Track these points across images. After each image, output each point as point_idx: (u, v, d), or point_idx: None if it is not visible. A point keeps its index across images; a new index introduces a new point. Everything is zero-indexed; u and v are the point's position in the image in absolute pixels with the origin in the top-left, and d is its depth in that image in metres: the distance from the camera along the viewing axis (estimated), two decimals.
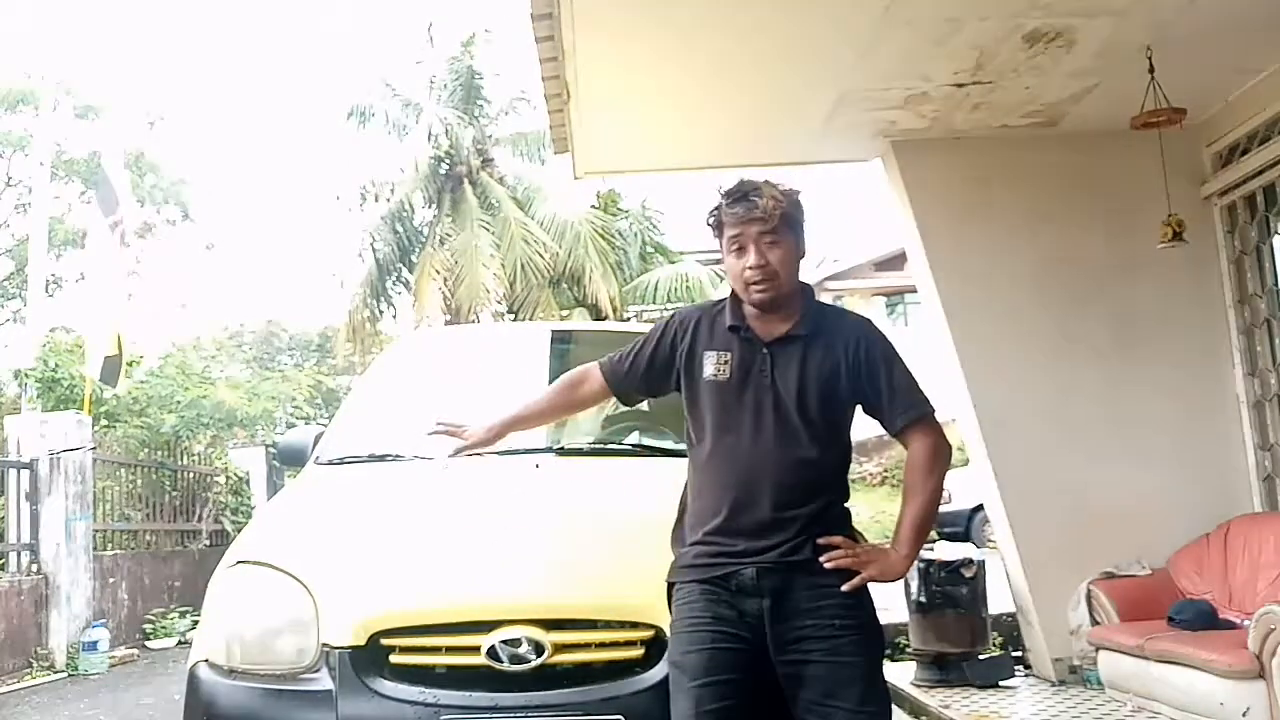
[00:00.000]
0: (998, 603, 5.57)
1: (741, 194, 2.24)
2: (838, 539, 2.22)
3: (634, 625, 2.43)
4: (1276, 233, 5.25)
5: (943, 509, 12.17)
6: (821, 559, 2.19)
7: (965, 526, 11.35)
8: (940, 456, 2.29)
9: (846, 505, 2.33)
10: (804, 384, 2.22)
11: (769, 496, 2.19)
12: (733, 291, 2.33)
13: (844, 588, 2.17)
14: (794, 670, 2.14)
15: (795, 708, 2.15)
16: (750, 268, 2.22)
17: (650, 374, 2.40)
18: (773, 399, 2.22)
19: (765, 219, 2.21)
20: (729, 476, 2.22)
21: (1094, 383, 5.33)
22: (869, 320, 2.39)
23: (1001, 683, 5.33)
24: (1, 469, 8.32)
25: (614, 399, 2.61)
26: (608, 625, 2.44)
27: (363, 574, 2.58)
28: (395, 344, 4.61)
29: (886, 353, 2.30)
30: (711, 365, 2.28)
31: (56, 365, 10.54)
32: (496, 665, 2.36)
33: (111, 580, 9.12)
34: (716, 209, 2.29)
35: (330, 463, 3.40)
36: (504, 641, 2.36)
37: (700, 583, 2.21)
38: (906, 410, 2.28)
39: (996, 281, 5.41)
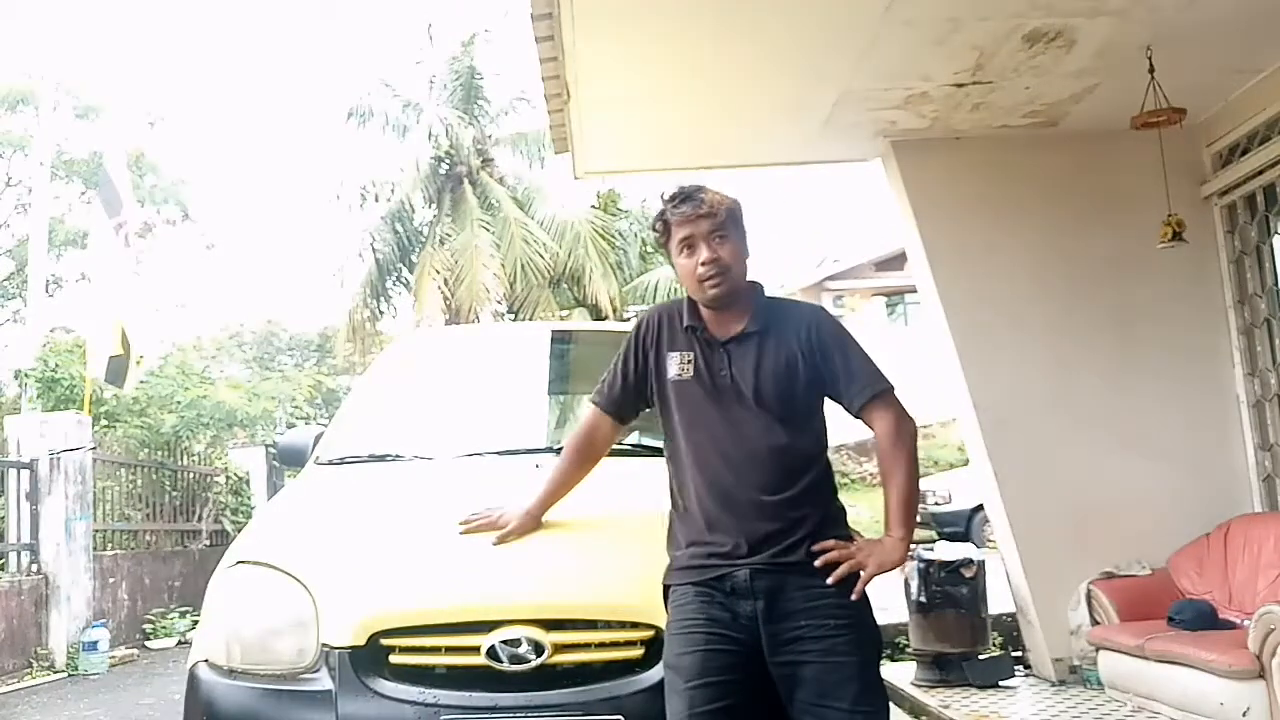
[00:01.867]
0: (998, 603, 5.57)
1: (686, 195, 2.31)
2: (830, 543, 2.22)
3: (634, 625, 2.43)
4: (1276, 233, 5.25)
5: (943, 509, 12.28)
6: (817, 563, 2.19)
7: (965, 526, 11.35)
8: (905, 430, 2.32)
9: (841, 506, 2.33)
10: (761, 378, 2.27)
11: (750, 485, 2.22)
12: (689, 300, 2.38)
13: (852, 596, 2.18)
14: (789, 671, 2.14)
15: (791, 708, 2.15)
16: (703, 263, 2.27)
17: (640, 386, 2.44)
18: (735, 395, 2.27)
19: (713, 214, 2.28)
20: (708, 473, 2.26)
21: (1094, 383, 5.33)
22: (820, 307, 2.46)
23: (1001, 683, 5.33)
24: (1, 469, 8.33)
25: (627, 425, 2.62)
26: (607, 625, 2.44)
27: (363, 574, 2.58)
28: (395, 344, 4.60)
29: (839, 336, 2.35)
30: (675, 366, 2.34)
31: (56, 365, 10.54)
32: (496, 665, 2.36)
33: (111, 580, 9.13)
34: (661, 214, 2.35)
35: (330, 463, 3.40)
36: (504, 641, 2.36)
37: (694, 585, 2.22)
38: (864, 389, 2.32)
39: (996, 281, 5.41)
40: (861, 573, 2.21)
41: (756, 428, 2.25)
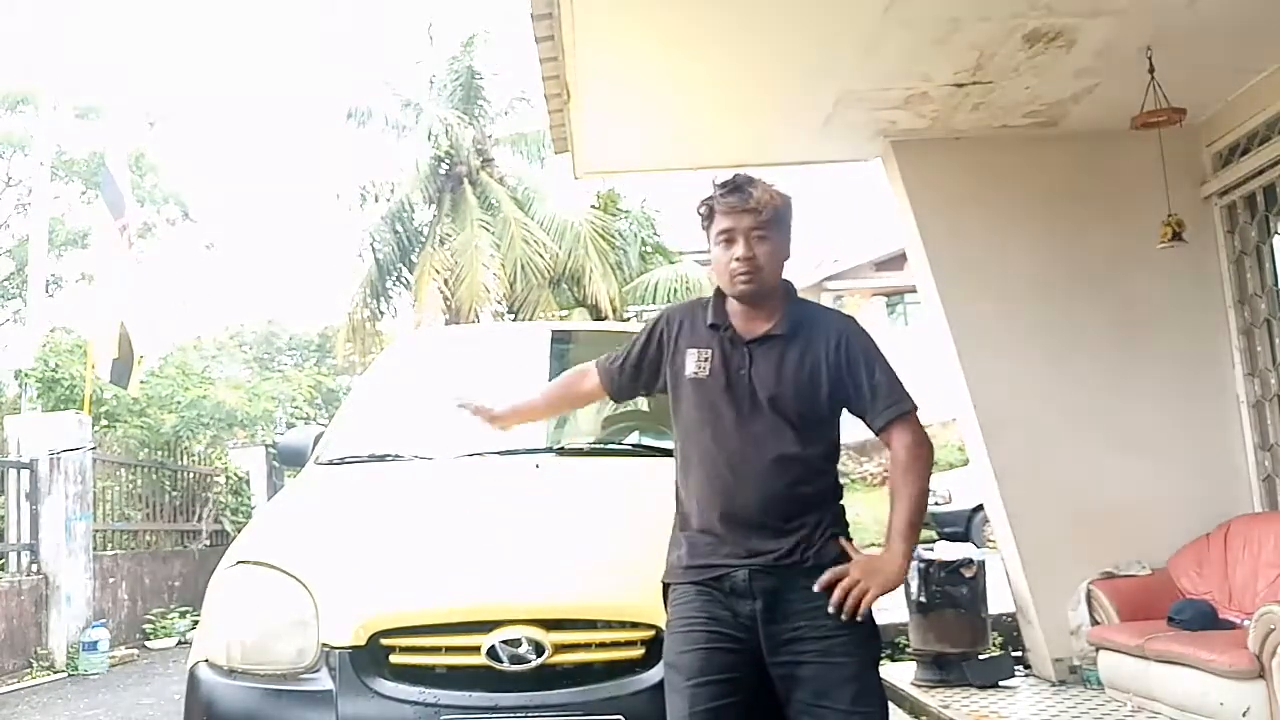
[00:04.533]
0: (998, 603, 5.56)
1: (736, 186, 2.27)
2: (829, 575, 2.16)
3: (634, 625, 2.43)
4: (1276, 233, 5.25)
5: (943, 509, 12.27)
6: (816, 587, 2.15)
7: (965, 526, 11.34)
8: (922, 454, 2.28)
9: (842, 504, 2.32)
10: (781, 383, 2.23)
11: (753, 492, 2.19)
12: (717, 289, 2.35)
13: (856, 618, 2.15)
14: (787, 671, 2.13)
15: (789, 709, 2.15)
16: (738, 259, 2.23)
17: (642, 374, 2.43)
18: (750, 396, 2.23)
19: (758, 211, 2.24)
20: (714, 473, 2.23)
21: (1094, 383, 5.33)
22: (851, 318, 2.39)
23: (1001, 683, 5.32)
24: (1, 469, 8.32)
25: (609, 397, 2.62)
26: (608, 625, 2.44)
27: (363, 574, 2.58)
28: (395, 344, 4.61)
29: (868, 350, 2.30)
30: (693, 363, 2.29)
31: (56, 365, 10.54)
32: (496, 665, 2.36)
33: (111, 580, 9.12)
34: (709, 199, 2.31)
35: (330, 463, 3.40)
36: (504, 642, 2.36)
37: (694, 584, 2.21)
38: (888, 408, 2.27)
39: (996, 281, 5.41)
40: (866, 595, 2.16)
41: (768, 433, 2.21)
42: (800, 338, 2.27)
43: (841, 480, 2.36)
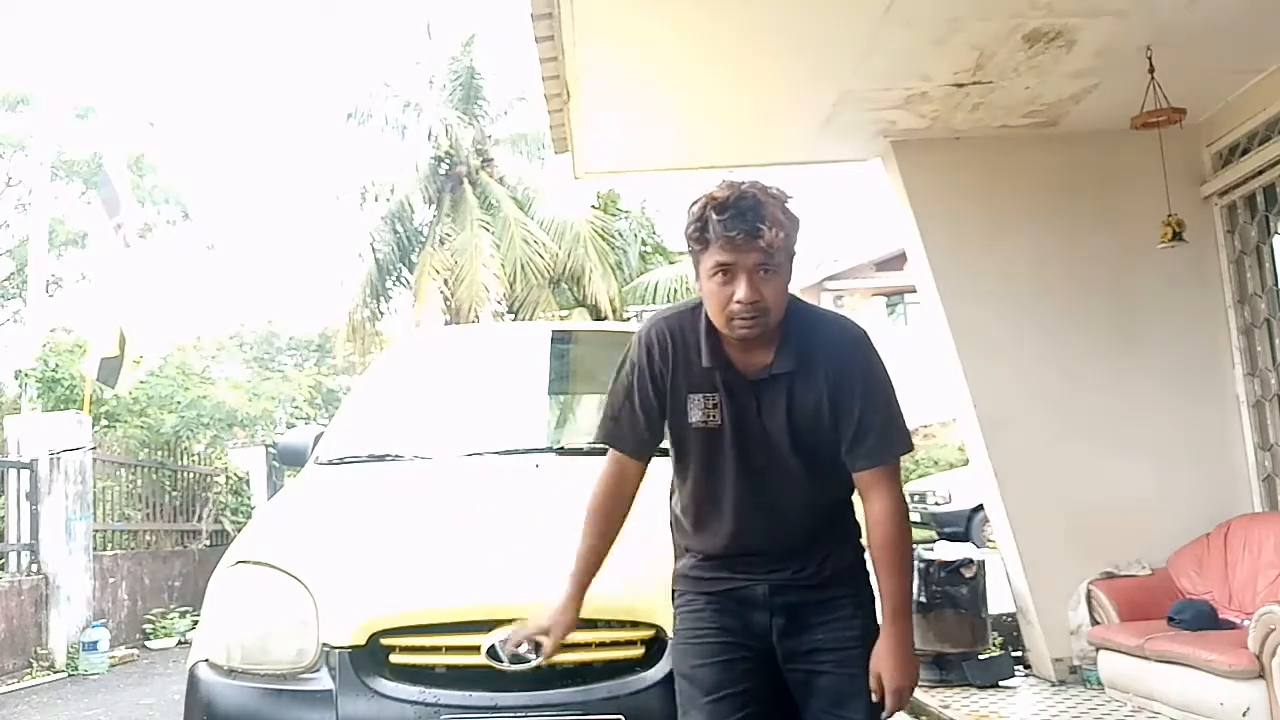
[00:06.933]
0: (998, 603, 5.57)
1: (741, 213, 1.89)
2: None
3: (634, 625, 2.43)
4: (1276, 233, 5.25)
5: (943, 509, 12.24)
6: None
7: (965, 526, 11.35)
8: (906, 519, 2.08)
9: (856, 523, 2.22)
10: (793, 423, 2.05)
11: (776, 535, 2.11)
12: (708, 321, 2.03)
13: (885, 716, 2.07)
14: (804, 679, 2.10)
15: (805, 713, 2.12)
16: (740, 302, 1.91)
17: (661, 419, 2.16)
18: (761, 438, 2.05)
19: (768, 249, 1.89)
20: (726, 514, 2.11)
21: (1094, 382, 5.34)
22: (860, 337, 2.10)
23: (1001, 683, 5.33)
24: (1, 469, 8.32)
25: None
26: (608, 625, 2.44)
27: (363, 574, 2.58)
28: (395, 344, 4.61)
29: (868, 380, 2.05)
30: (699, 411, 2.06)
31: (56, 365, 10.53)
32: (496, 665, 2.36)
33: (111, 580, 9.12)
34: (702, 218, 1.94)
35: (330, 463, 3.40)
36: (504, 641, 2.36)
37: (706, 594, 2.16)
38: (876, 450, 2.04)
39: (996, 281, 5.41)
40: (888, 695, 2.07)
41: (787, 479, 2.08)
42: (803, 370, 2.03)
43: None
